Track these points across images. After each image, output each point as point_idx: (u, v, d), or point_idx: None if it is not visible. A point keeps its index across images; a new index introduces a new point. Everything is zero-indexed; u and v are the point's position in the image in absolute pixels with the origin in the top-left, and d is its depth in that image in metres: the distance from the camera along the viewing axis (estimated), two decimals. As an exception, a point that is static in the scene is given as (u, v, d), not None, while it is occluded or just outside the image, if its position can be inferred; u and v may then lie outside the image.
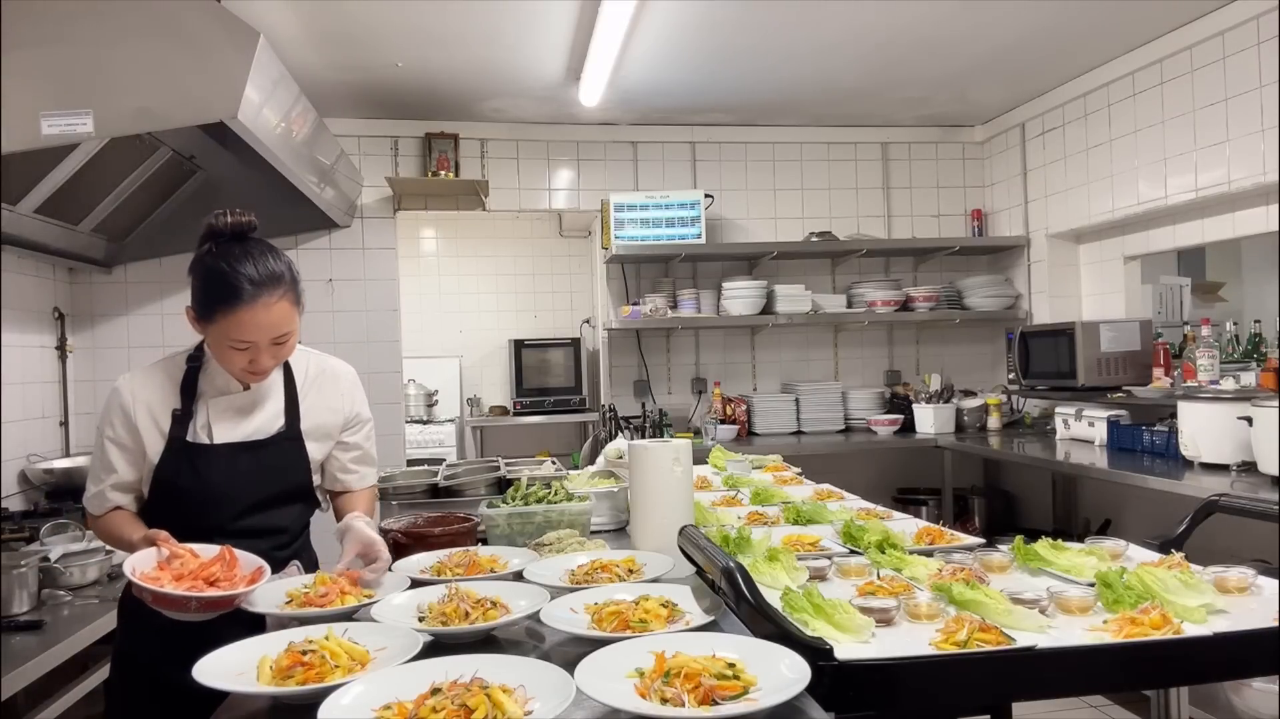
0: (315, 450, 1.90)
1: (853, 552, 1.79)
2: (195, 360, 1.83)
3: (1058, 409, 4.41)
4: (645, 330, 5.11)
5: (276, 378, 1.87)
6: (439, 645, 1.36)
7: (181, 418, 1.78)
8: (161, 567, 1.58)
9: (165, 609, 1.56)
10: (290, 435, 1.86)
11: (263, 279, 1.69)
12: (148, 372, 1.83)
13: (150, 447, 1.77)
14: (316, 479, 1.94)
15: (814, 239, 5.08)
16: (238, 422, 1.82)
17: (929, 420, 4.82)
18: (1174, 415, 3.49)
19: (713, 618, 1.37)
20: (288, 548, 1.88)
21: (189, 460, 1.77)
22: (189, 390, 1.80)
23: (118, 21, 2.35)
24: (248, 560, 1.64)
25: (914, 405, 4.92)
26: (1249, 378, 3.46)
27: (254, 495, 1.82)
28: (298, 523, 1.92)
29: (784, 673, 1.10)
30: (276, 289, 1.71)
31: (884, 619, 1.31)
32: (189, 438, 1.78)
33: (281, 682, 1.19)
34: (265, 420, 1.85)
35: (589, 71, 4.03)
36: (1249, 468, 3.08)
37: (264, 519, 1.84)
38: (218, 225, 1.73)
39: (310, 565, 1.86)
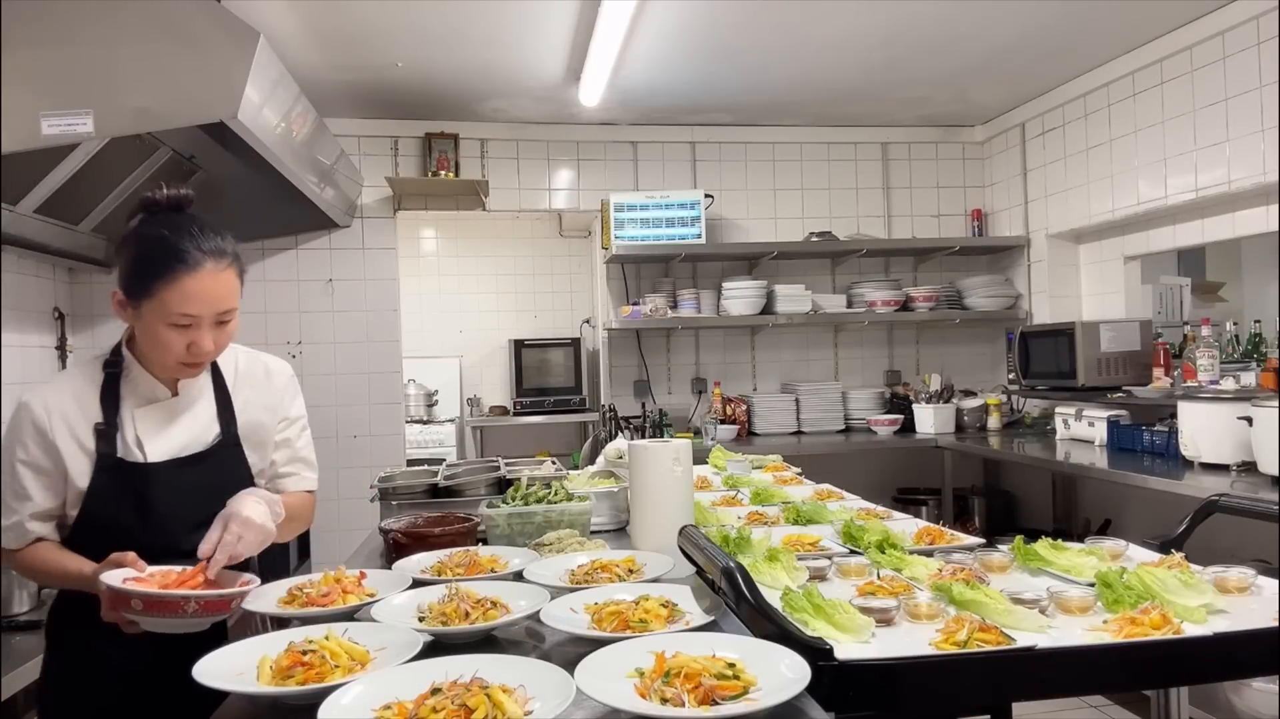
0: (255, 458, 1.76)
1: (853, 552, 1.79)
2: (114, 365, 1.64)
3: (1058, 409, 4.41)
4: (645, 330, 5.11)
5: (205, 379, 1.71)
6: (439, 645, 1.36)
7: (106, 432, 1.59)
8: (139, 582, 1.45)
9: (152, 618, 1.42)
10: (229, 443, 1.71)
11: (209, 247, 1.55)
12: (59, 383, 1.64)
13: (74, 468, 1.58)
14: (260, 484, 1.79)
15: (814, 239, 5.08)
16: (170, 433, 1.65)
17: (929, 420, 4.82)
18: (1174, 415, 3.48)
19: (713, 618, 1.37)
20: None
21: (126, 482, 1.60)
22: (110, 400, 1.61)
23: (118, 21, 2.35)
24: (225, 575, 1.53)
25: (914, 405, 4.92)
26: (1249, 378, 3.46)
27: (201, 513, 1.61)
28: None
29: (784, 673, 1.10)
30: (223, 258, 1.57)
31: (884, 619, 1.31)
32: (120, 455, 1.60)
33: (281, 682, 1.19)
34: (199, 428, 1.68)
35: (589, 71, 4.03)
36: (1249, 468, 3.08)
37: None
38: (154, 198, 1.59)
39: (260, 573, 1.76)
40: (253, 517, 1.55)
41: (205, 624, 1.46)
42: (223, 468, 1.69)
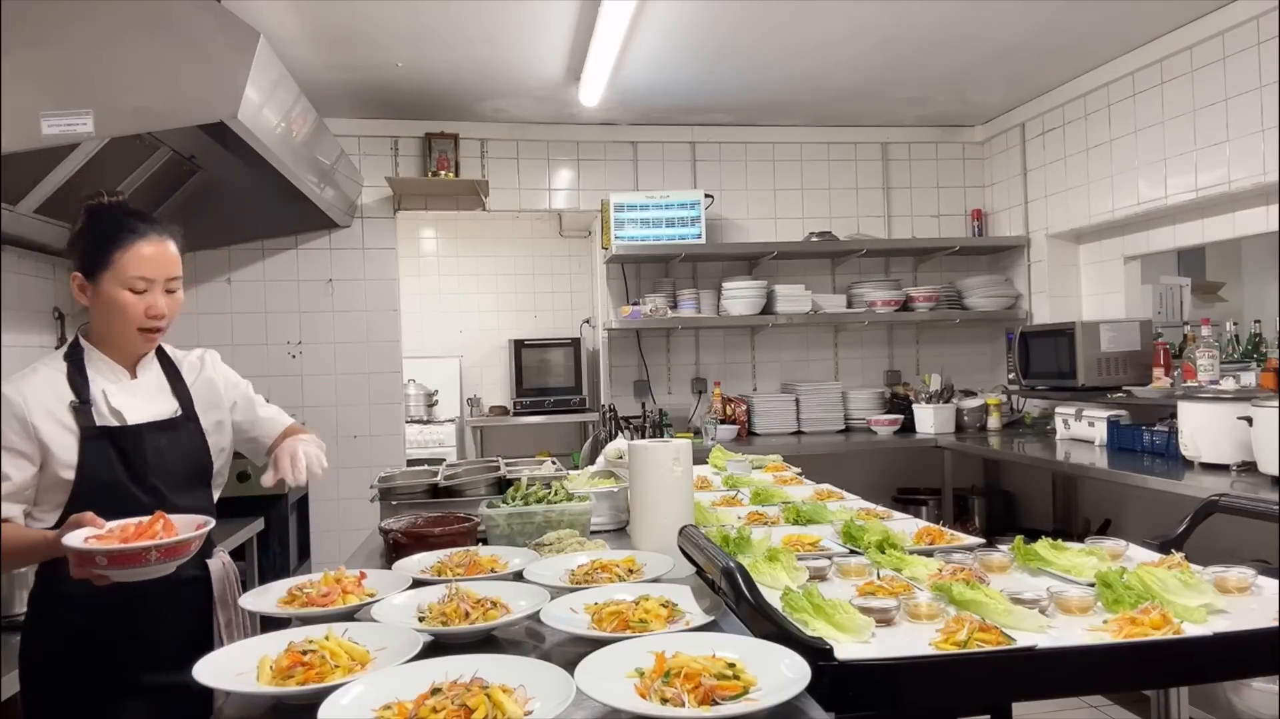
0: (211, 430, 1.93)
1: (853, 552, 1.79)
2: (75, 355, 1.81)
3: (1058, 409, 4.41)
4: (645, 330, 5.11)
5: (158, 365, 1.90)
6: (439, 645, 1.36)
7: (83, 408, 1.75)
8: (100, 539, 1.54)
9: (119, 570, 1.51)
10: (188, 415, 1.89)
11: (152, 222, 1.80)
12: (27, 375, 1.77)
13: (58, 445, 1.71)
14: (218, 466, 1.96)
15: (814, 239, 5.08)
16: (137, 405, 1.82)
17: (929, 420, 4.82)
18: (1174, 415, 3.48)
19: (713, 618, 1.37)
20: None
21: (113, 444, 1.75)
22: (79, 382, 1.78)
23: (118, 21, 2.35)
24: (185, 521, 1.62)
25: (914, 405, 4.92)
26: (1249, 378, 3.46)
27: (179, 474, 1.83)
28: (213, 507, 1.93)
29: (784, 673, 1.10)
30: (166, 231, 1.81)
31: (884, 619, 1.31)
32: (100, 424, 1.76)
33: (281, 682, 1.20)
34: (161, 403, 1.86)
35: (589, 71, 4.03)
36: (1249, 468, 3.08)
37: (194, 500, 1.84)
38: (100, 202, 1.82)
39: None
40: (303, 445, 1.89)
41: (171, 568, 1.58)
42: (189, 436, 1.88)
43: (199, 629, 1.87)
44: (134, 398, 1.82)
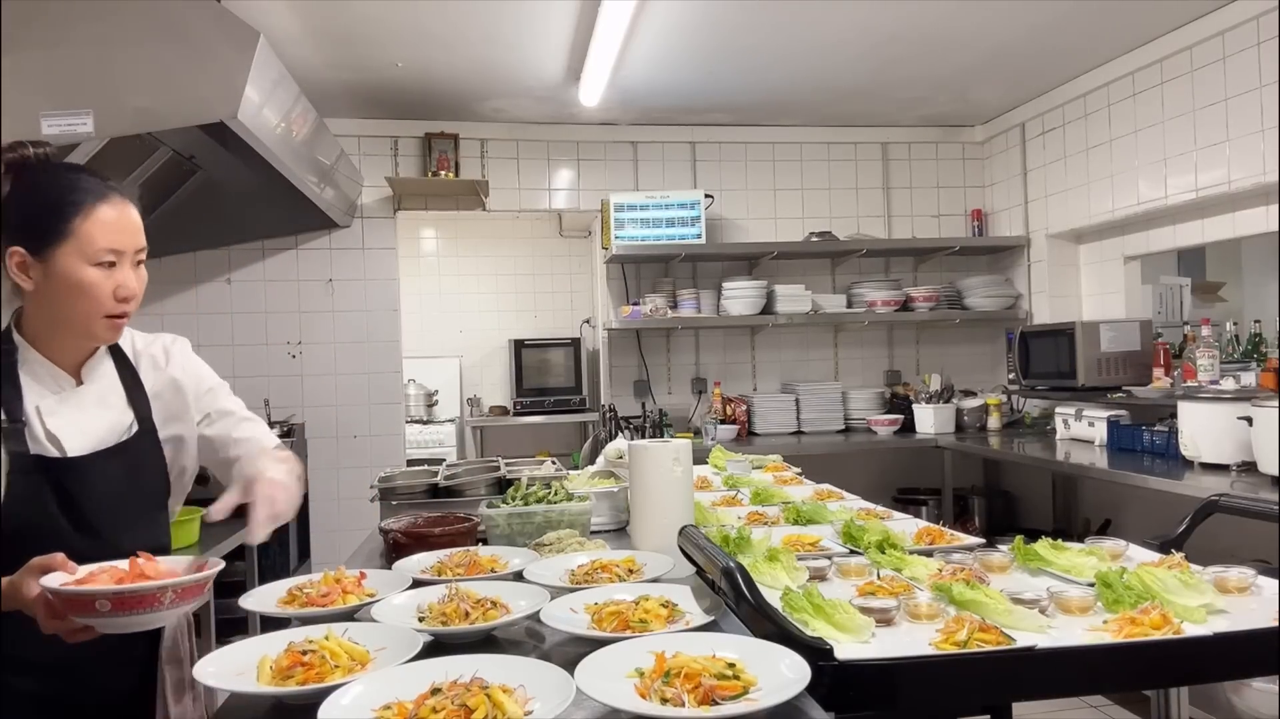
0: (170, 444, 1.60)
1: (853, 552, 1.79)
2: (6, 355, 1.44)
3: (1058, 409, 4.41)
4: (645, 330, 5.11)
5: (108, 363, 1.55)
6: (439, 645, 1.36)
7: (14, 429, 1.39)
8: (82, 582, 1.28)
9: (119, 618, 1.25)
10: (147, 429, 1.54)
11: (107, 180, 1.46)
12: None
13: None
14: (176, 490, 1.63)
15: (814, 239, 5.08)
16: (83, 424, 1.47)
17: (929, 420, 4.82)
18: (1174, 415, 3.48)
19: (713, 618, 1.37)
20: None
21: (46, 481, 1.41)
22: (10, 393, 1.42)
23: (118, 21, 2.36)
24: (169, 563, 1.38)
25: (914, 405, 4.92)
26: (1249, 378, 3.46)
27: (129, 508, 1.49)
28: (168, 534, 1.62)
29: (784, 673, 1.10)
30: (123, 191, 1.47)
31: (884, 619, 1.31)
32: (34, 452, 1.40)
33: (281, 682, 1.19)
34: (114, 417, 1.51)
35: (589, 71, 4.03)
36: (1249, 468, 3.08)
37: (149, 536, 1.50)
38: (25, 154, 1.45)
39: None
40: (278, 477, 1.45)
41: (173, 617, 1.35)
42: (145, 457, 1.54)
43: (139, 690, 1.52)
44: (79, 413, 1.47)
